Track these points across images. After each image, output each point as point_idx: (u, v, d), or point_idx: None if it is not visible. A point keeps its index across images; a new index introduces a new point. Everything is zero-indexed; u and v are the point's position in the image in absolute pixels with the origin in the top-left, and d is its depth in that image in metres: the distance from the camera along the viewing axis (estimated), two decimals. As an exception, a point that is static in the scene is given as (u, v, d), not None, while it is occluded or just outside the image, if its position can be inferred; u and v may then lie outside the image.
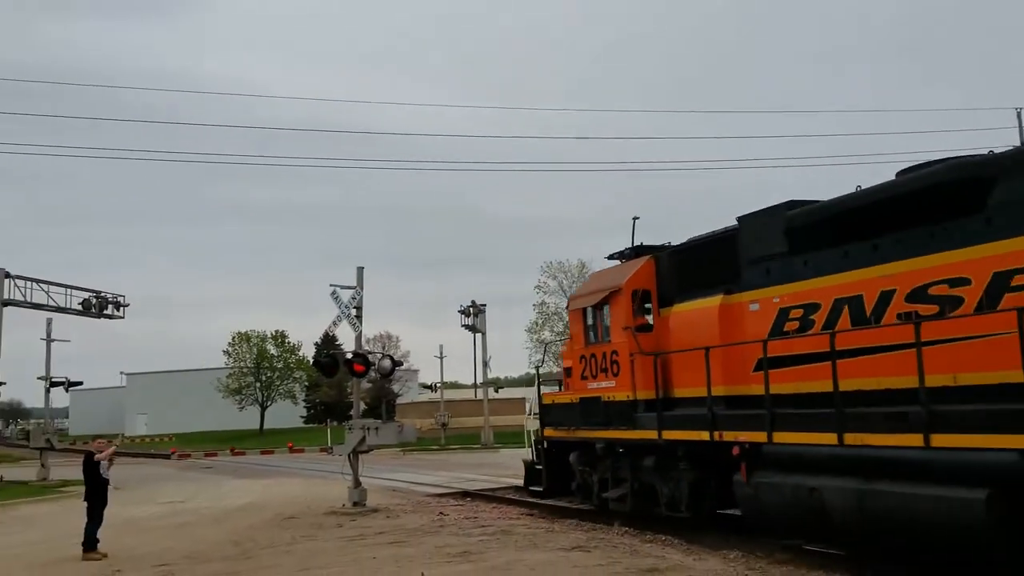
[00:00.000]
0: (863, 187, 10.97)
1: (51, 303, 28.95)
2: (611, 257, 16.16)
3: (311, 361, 23.21)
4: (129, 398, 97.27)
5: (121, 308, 31.47)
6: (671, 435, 12.84)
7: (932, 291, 9.57)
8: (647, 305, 14.59)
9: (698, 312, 13.09)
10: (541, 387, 18.24)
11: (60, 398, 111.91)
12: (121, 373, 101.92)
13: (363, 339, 19.08)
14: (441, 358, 55.55)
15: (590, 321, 15.37)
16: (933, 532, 8.91)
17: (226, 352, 79.15)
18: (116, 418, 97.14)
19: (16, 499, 22.52)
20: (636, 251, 15.24)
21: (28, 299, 28.07)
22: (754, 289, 12.12)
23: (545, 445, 16.66)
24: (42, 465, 27.96)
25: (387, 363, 18.24)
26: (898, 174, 10.75)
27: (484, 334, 44.79)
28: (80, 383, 30.18)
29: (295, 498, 20.45)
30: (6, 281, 27.18)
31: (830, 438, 9.92)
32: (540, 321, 57.18)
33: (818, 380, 10.45)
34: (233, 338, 79.21)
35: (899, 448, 9.16)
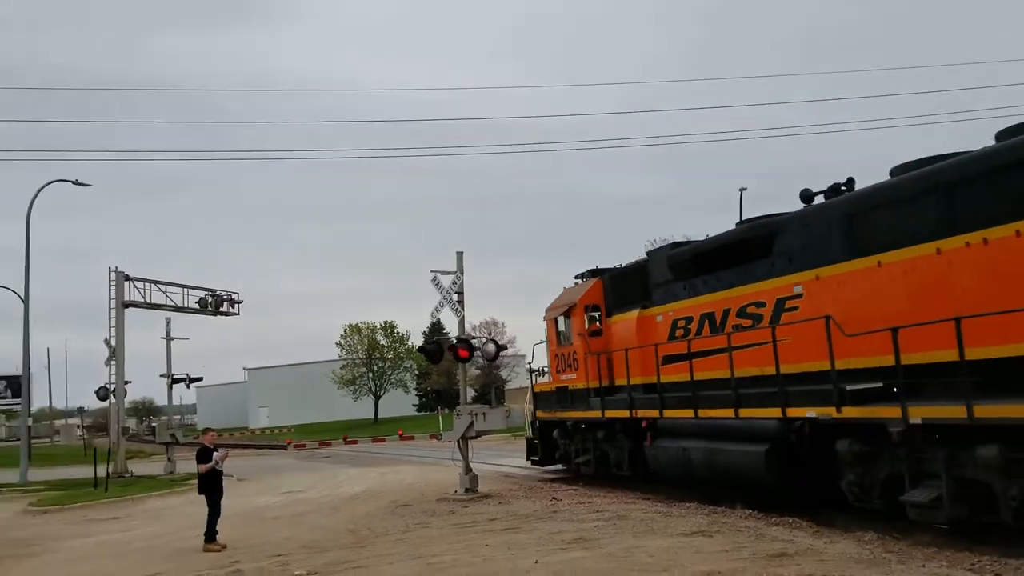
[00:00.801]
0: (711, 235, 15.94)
1: (169, 303, 30.01)
2: (576, 277, 20.38)
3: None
4: (251, 392, 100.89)
5: (236, 305, 32.37)
6: (611, 414, 17.36)
7: (748, 310, 14.01)
8: (597, 315, 18.78)
9: (626, 321, 17.57)
10: (536, 378, 22.11)
11: (188, 394, 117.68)
12: (244, 368, 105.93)
13: (467, 325, 18.92)
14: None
15: (560, 328, 19.81)
16: (745, 473, 13.42)
17: (339, 344, 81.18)
18: (240, 412, 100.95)
19: (144, 493, 23.39)
20: (592, 273, 19.46)
21: (147, 300, 29.17)
22: (657, 305, 16.70)
23: (537, 424, 20.99)
24: (168, 459, 29.08)
25: (491, 348, 18.02)
26: (736, 224, 14.94)
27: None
28: (200, 379, 31.22)
29: (409, 485, 20.53)
30: (126, 284, 28.30)
31: (691, 413, 14.58)
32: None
33: (687, 373, 14.80)
34: (345, 330, 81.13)
35: (725, 419, 13.67)
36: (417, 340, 71.42)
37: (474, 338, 18.26)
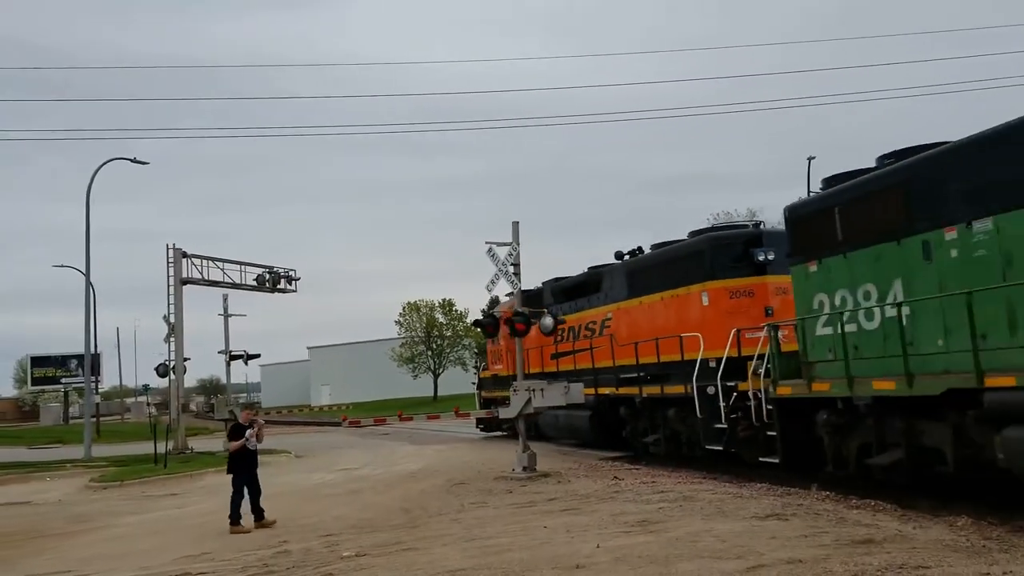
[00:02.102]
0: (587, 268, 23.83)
1: (227, 280, 29.96)
2: (506, 295, 26.16)
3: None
4: (313, 370, 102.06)
5: (293, 282, 32.22)
6: (496, 394, 26.28)
7: (589, 327, 21.70)
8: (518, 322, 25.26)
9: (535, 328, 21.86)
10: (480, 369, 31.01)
11: (254, 373, 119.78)
12: (307, 348, 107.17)
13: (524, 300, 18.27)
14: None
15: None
16: (581, 428, 21.81)
17: (397, 322, 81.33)
18: (303, 389, 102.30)
19: (202, 469, 23.36)
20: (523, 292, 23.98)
21: (205, 277, 29.14)
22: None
23: (483, 400, 29.94)
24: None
25: (548, 321, 17.29)
26: (587, 268, 23.36)
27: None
28: (257, 356, 31.25)
29: (466, 463, 20.05)
30: (184, 261, 28.30)
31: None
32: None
33: (571, 365, 22.36)
34: (404, 308, 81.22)
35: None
36: (476, 317, 71.02)
37: (531, 311, 17.57)
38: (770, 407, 13.79)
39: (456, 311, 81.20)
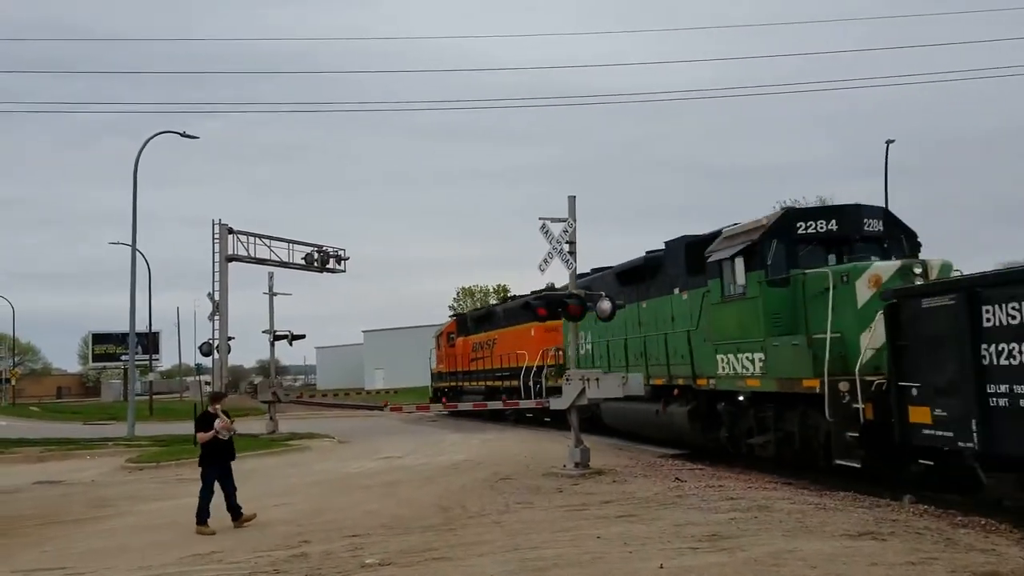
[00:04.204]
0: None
1: (274, 258, 29.07)
2: (450, 316, 44.67)
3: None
4: (368, 354, 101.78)
5: (342, 262, 31.18)
6: (440, 385, 39.69)
7: (487, 343, 33.66)
8: (452, 336, 38.50)
9: (462, 341, 37.07)
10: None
11: (311, 356, 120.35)
12: (361, 331, 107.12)
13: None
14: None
15: (440, 342, 40.11)
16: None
17: (451, 307, 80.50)
18: (357, 373, 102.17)
19: (243, 452, 22.36)
20: (454, 314, 44.40)
21: (252, 254, 28.29)
22: (471, 335, 36.38)
23: (433, 391, 41.39)
24: (270, 418, 28.33)
25: (607, 305, 15.82)
26: (491, 305, 42.62)
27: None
28: (302, 336, 30.30)
29: (512, 455, 18.73)
30: (230, 237, 27.47)
31: (469, 383, 35.65)
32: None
33: (478, 366, 34.49)
34: (458, 293, 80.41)
35: (478, 386, 33.78)
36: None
37: (587, 294, 16.14)
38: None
39: (511, 297, 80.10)
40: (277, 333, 29.69)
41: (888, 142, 36.63)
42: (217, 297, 27.23)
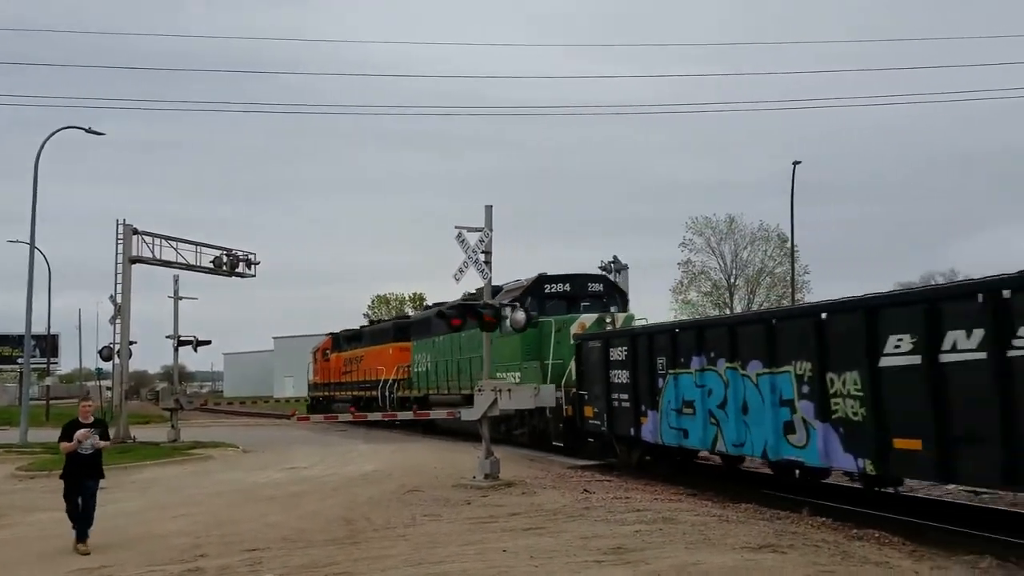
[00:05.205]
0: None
1: (180, 260, 28.18)
2: (327, 335, 43.27)
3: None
4: (277, 361, 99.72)
5: (252, 266, 30.50)
6: (316, 395, 43.68)
7: (355, 359, 37.08)
8: (328, 352, 41.92)
9: (335, 356, 40.49)
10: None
11: (218, 361, 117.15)
12: (272, 338, 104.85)
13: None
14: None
15: (317, 356, 44.67)
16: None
17: (366, 315, 79.49)
18: (266, 380, 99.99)
19: (141, 461, 21.65)
20: (330, 334, 42.00)
21: (157, 256, 27.37)
22: (342, 352, 39.56)
23: (310, 400, 44.83)
24: (172, 426, 27.38)
25: (521, 316, 15.85)
26: (360, 327, 41.23)
27: (627, 293, 41.77)
28: (208, 342, 29.39)
29: (422, 467, 18.52)
30: (134, 238, 26.52)
31: (341, 393, 38.63)
32: (686, 281, 53.53)
33: (348, 378, 37.36)
34: (373, 301, 79.54)
35: (345, 395, 37.56)
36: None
37: (502, 305, 16.11)
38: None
39: (427, 306, 79.55)
40: (181, 338, 28.76)
41: (795, 163, 37.89)
42: (119, 300, 26.24)
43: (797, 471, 12.93)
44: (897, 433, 9.97)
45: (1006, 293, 8.68)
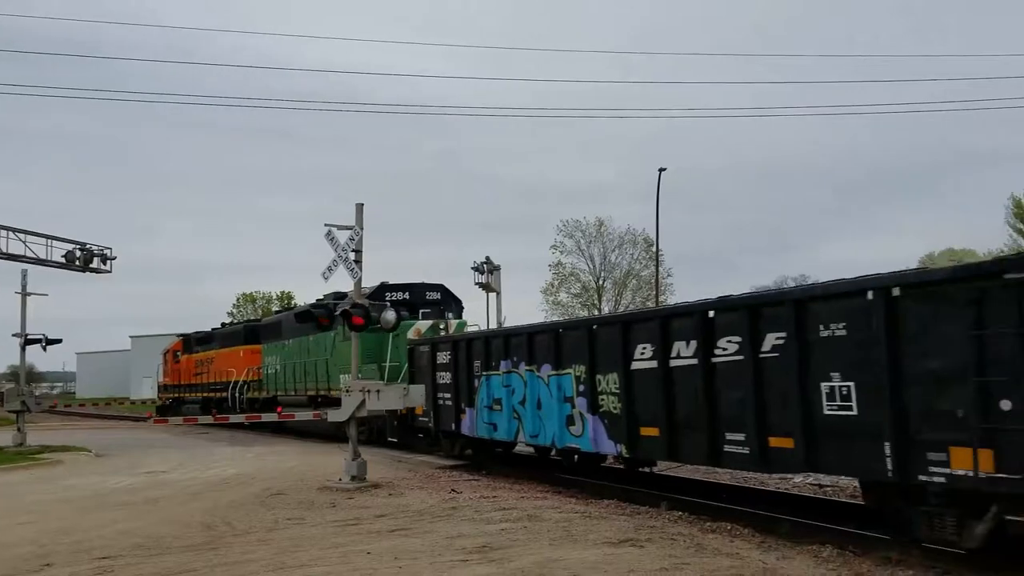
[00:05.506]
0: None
1: (29, 254, 26.48)
2: (177, 336, 44.22)
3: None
4: (134, 361, 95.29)
5: (108, 262, 28.94)
6: (166, 396, 44.28)
7: (205, 360, 37.66)
8: (179, 353, 41.77)
9: (186, 358, 40.73)
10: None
11: (71, 361, 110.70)
12: (129, 337, 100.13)
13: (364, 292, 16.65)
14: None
15: (168, 358, 44.18)
16: (203, 409, 35.05)
17: (230, 314, 77.07)
18: (123, 381, 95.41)
19: (-29, 469, 20.28)
20: (180, 336, 42.51)
21: (3, 250, 25.65)
22: (193, 353, 39.68)
23: (161, 401, 46.00)
24: (18, 430, 25.72)
25: (391, 316, 15.77)
26: (211, 329, 40.12)
27: (499, 293, 42.15)
28: (58, 341, 27.72)
29: (288, 469, 18.13)
30: (-24, 229, 24.78)
31: (190, 394, 39.66)
32: (556, 282, 54.51)
33: (200, 380, 37.99)
34: (238, 299, 77.21)
35: (195, 397, 38.60)
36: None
37: (372, 304, 15.97)
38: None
39: (295, 305, 77.79)
40: (29, 336, 27.03)
41: (661, 170, 39.19)
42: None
43: (576, 456, 14.87)
44: (643, 423, 12.14)
45: (711, 313, 10.92)
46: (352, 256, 15.41)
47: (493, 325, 33.42)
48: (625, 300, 52.51)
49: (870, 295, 8.75)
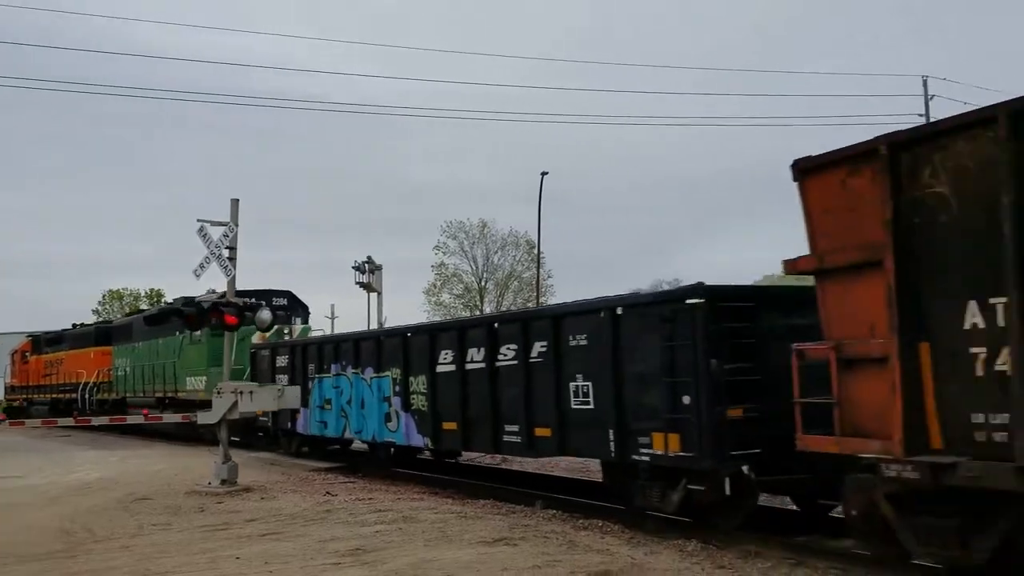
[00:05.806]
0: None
1: None
2: (27, 335, 42.91)
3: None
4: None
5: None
6: (14, 397, 43.14)
7: (55, 363, 36.36)
8: (27, 354, 40.57)
9: (35, 359, 39.53)
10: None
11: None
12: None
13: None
14: (332, 318, 51.92)
15: (16, 359, 43.31)
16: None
17: (95, 312, 73.31)
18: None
19: None
20: (29, 335, 41.82)
21: None
22: (42, 355, 38.42)
23: (7, 404, 43.54)
24: None
25: (266, 315, 15.45)
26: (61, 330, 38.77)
27: (380, 293, 41.75)
28: None
29: (155, 474, 17.46)
30: None
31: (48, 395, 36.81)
32: (439, 283, 54.45)
33: (50, 381, 36.67)
34: (104, 296, 73.67)
35: (50, 397, 36.62)
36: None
37: (245, 302, 15.59)
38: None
39: (165, 302, 74.79)
40: None
41: (543, 174, 39.80)
42: None
43: (392, 448, 16.39)
44: (445, 419, 13.89)
45: (496, 324, 12.95)
46: (226, 253, 15.01)
47: (374, 325, 33.27)
48: (507, 301, 52.92)
49: (602, 313, 10.77)
